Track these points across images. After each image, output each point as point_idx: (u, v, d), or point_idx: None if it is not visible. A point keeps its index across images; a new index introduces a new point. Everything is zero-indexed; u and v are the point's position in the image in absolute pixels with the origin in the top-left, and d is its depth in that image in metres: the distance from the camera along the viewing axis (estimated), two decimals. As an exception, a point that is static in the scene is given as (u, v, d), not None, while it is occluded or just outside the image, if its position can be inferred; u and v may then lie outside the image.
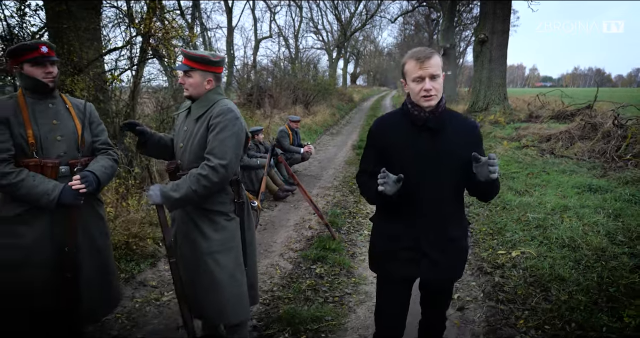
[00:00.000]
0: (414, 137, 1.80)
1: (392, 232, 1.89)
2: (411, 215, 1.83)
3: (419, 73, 1.72)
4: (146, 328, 2.90)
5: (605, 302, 2.88)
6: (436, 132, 1.78)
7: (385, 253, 1.93)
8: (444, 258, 1.85)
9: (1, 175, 1.99)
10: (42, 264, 2.11)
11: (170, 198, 2.07)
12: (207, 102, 2.22)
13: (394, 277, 1.94)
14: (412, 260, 1.86)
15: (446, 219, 1.84)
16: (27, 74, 2.14)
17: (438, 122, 1.78)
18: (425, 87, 1.71)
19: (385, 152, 1.85)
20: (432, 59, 1.71)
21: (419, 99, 1.75)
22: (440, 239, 1.84)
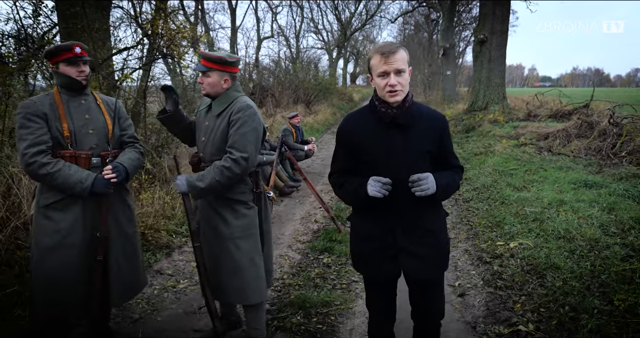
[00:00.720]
0: (383, 134, 1.79)
1: (369, 231, 1.88)
2: (387, 212, 1.83)
3: (383, 68, 1.69)
4: (165, 313, 3.08)
5: (597, 288, 3.06)
6: (405, 128, 1.77)
7: (365, 253, 1.92)
8: (423, 251, 1.84)
9: (40, 165, 2.17)
10: (76, 247, 2.28)
11: (196, 187, 2.26)
12: (227, 99, 2.40)
13: (376, 276, 1.94)
14: (392, 257, 1.86)
15: (421, 213, 1.83)
16: (63, 73, 2.31)
17: (406, 118, 1.77)
18: (390, 82, 1.69)
19: (355, 150, 1.85)
20: (397, 54, 1.69)
21: (384, 94, 1.73)
22: (417, 233, 1.84)
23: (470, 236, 4.47)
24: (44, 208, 2.27)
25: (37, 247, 2.26)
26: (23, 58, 5.47)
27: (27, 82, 6.01)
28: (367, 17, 34.60)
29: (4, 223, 3.69)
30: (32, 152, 2.16)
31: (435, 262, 1.89)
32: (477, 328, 2.84)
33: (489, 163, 7.29)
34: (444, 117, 1.91)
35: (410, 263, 1.85)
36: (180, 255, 4.02)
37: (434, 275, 1.93)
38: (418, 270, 1.86)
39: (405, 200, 1.78)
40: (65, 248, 2.26)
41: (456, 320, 2.94)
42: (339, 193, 1.95)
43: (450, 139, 1.93)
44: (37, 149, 2.17)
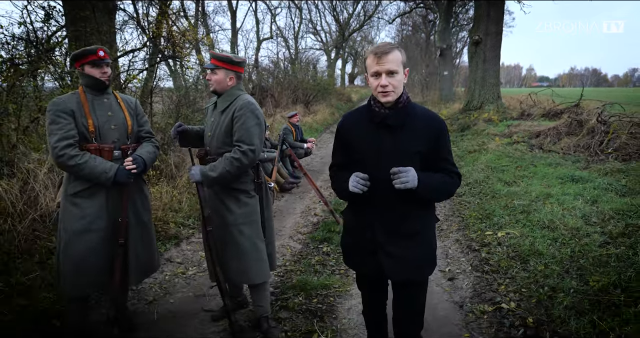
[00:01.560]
0: (373, 133, 1.81)
1: (355, 225, 1.93)
2: (370, 210, 1.86)
3: (376, 68, 1.71)
4: (176, 296, 3.34)
5: (575, 271, 3.32)
6: (395, 128, 1.78)
7: (350, 246, 1.98)
8: (401, 252, 1.84)
9: (69, 157, 2.41)
10: (101, 232, 2.53)
11: (209, 177, 2.51)
12: (230, 97, 2.65)
13: (361, 271, 2.01)
14: (372, 252, 1.88)
15: (404, 214, 1.83)
16: (88, 74, 2.56)
17: (397, 118, 1.78)
18: (381, 83, 1.71)
19: (348, 147, 1.90)
20: (390, 55, 1.70)
21: (377, 94, 1.76)
22: (397, 234, 1.84)
23: (461, 227, 4.73)
24: (72, 196, 2.52)
25: (65, 231, 2.51)
26: (33, 60, 5.70)
27: (37, 83, 6.24)
28: (365, 18, 34.91)
29: (23, 216, 3.94)
30: (61, 145, 2.41)
31: (414, 263, 1.87)
32: (464, 307, 3.10)
33: (482, 160, 7.55)
34: (441, 120, 1.88)
35: (387, 262, 1.85)
36: (188, 245, 4.28)
37: (412, 277, 1.89)
38: (395, 271, 1.86)
39: (390, 199, 1.80)
40: (91, 233, 2.51)
41: (445, 300, 3.20)
42: (333, 187, 2.01)
43: (449, 145, 1.90)
44: (66, 143, 2.42)
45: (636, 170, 5.70)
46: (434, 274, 3.55)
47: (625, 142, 6.57)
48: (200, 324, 2.91)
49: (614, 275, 3.08)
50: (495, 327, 2.80)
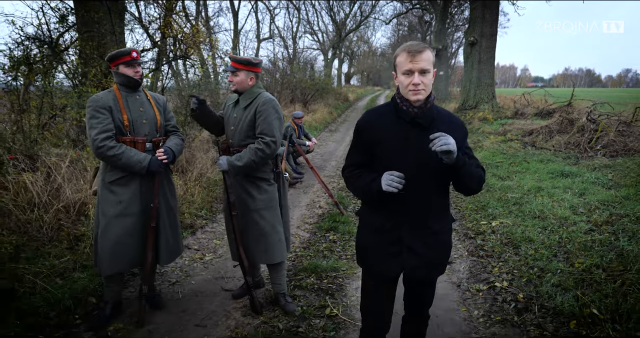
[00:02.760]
0: (402, 132, 1.78)
1: (378, 225, 1.89)
2: (397, 209, 1.83)
3: (409, 66, 1.70)
4: (197, 278, 3.62)
5: (563, 254, 3.64)
6: (425, 127, 1.77)
7: (371, 247, 1.93)
8: (426, 251, 1.85)
9: (108, 148, 2.69)
10: (135, 215, 2.81)
11: (235, 166, 2.79)
12: (252, 94, 2.93)
13: (379, 272, 1.94)
14: (396, 253, 1.87)
15: (430, 214, 1.84)
16: (122, 73, 2.84)
17: (427, 118, 1.77)
18: (414, 81, 1.70)
19: (372, 145, 1.85)
20: (424, 54, 1.69)
21: (407, 93, 1.74)
22: (423, 232, 1.84)
23: (458, 218, 5.04)
24: (109, 184, 2.79)
25: (103, 215, 2.78)
26: (48, 60, 5.94)
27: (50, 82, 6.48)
28: (362, 18, 35.22)
29: (48, 206, 4.21)
30: (101, 137, 2.68)
31: (435, 263, 1.90)
32: (461, 286, 3.40)
33: (477, 156, 7.85)
34: (463, 123, 1.90)
35: (412, 262, 1.85)
36: (202, 234, 4.56)
37: (432, 276, 1.94)
38: (418, 270, 1.87)
39: (417, 198, 1.79)
40: (127, 217, 2.79)
41: (444, 281, 3.50)
42: (351, 187, 1.93)
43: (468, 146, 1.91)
44: (105, 135, 2.70)
45: (622, 166, 6.04)
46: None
47: (612, 140, 6.91)
48: (222, 301, 3.19)
49: (597, 258, 3.40)
50: (489, 303, 3.10)
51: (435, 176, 1.79)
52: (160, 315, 2.98)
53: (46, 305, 2.84)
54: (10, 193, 4.22)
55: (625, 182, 5.35)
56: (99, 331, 2.75)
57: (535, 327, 2.72)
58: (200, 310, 3.07)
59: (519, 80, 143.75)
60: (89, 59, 5.70)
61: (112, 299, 2.91)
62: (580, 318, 2.68)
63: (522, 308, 2.95)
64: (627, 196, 4.76)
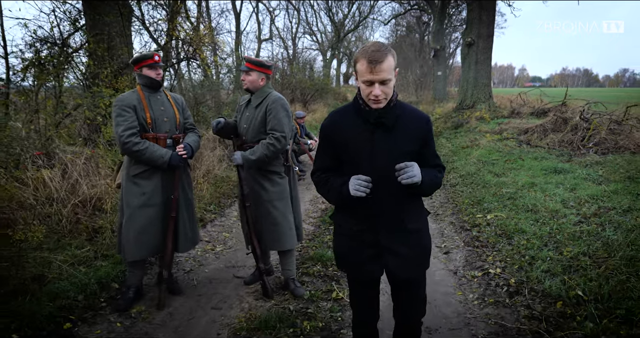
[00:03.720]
0: (366, 133, 1.76)
1: (354, 229, 1.86)
2: (369, 212, 1.81)
3: (368, 77, 1.64)
4: (210, 267, 3.86)
5: (552, 244, 3.88)
6: (390, 128, 1.75)
7: (348, 251, 1.91)
8: (406, 251, 1.84)
9: (133, 144, 2.92)
10: (157, 206, 3.05)
11: (249, 159, 3.03)
12: (263, 94, 3.18)
13: (360, 275, 1.92)
14: (375, 256, 1.85)
15: (403, 213, 1.82)
16: (145, 75, 3.08)
17: (390, 117, 1.74)
18: (374, 93, 1.66)
19: (339, 148, 1.82)
20: (385, 63, 1.62)
21: (368, 101, 1.72)
22: (401, 233, 1.83)
23: (454, 212, 5.29)
24: (133, 177, 3.03)
25: (128, 206, 3.01)
26: (59, 61, 6.16)
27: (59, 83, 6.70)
28: (360, 18, 35.47)
29: (65, 201, 4.44)
30: (127, 134, 2.92)
31: (417, 261, 1.89)
32: (458, 273, 3.65)
33: (474, 154, 8.12)
34: (428, 117, 1.88)
35: (394, 263, 1.84)
36: (212, 227, 4.79)
37: (415, 274, 1.92)
38: (401, 270, 1.86)
39: (389, 199, 1.79)
40: (150, 207, 3.02)
41: (441, 269, 3.75)
42: (322, 192, 1.91)
43: (434, 140, 1.93)
44: (130, 132, 2.93)
45: (612, 162, 6.29)
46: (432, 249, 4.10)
47: (604, 137, 7.17)
48: (235, 287, 3.43)
49: (584, 246, 3.65)
50: (483, 287, 3.35)
51: None
52: (178, 300, 3.22)
53: (74, 289, 3.08)
54: (30, 188, 4.46)
55: (614, 178, 5.60)
56: (124, 313, 2.99)
57: (525, 307, 2.97)
58: (215, 294, 3.31)
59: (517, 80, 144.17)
60: (101, 61, 5.93)
61: (135, 284, 3.15)
62: (566, 299, 2.93)
63: (514, 292, 3.19)
64: (615, 190, 5.01)
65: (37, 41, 6.13)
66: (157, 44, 8.41)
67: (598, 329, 2.55)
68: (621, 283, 2.93)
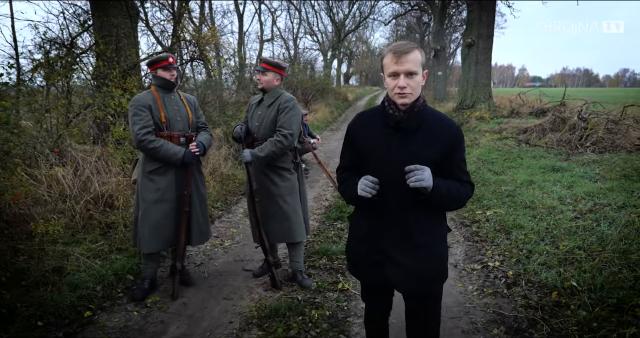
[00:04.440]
0: (386, 136, 1.71)
1: (363, 233, 1.83)
2: (381, 216, 1.76)
3: (394, 68, 1.61)
4: (219, 260, 4.01)
5: (549, 239, 4.03)
6: (409, 132, 1.68)
7: (358, 254, 1.88)
8: (411, 264, 1.73)
9: (149, 142, 3.07)
10: (171, 201, 3.20)
11: (258, 156, 3.18)
12: (276, 94, 3.32)
13: (366, 281, 1.91)
14: (379, 262, 1.80)
15: (415, 223, 1.73)
16: (160, 76, 3.22)
17: (412, 122, 1.68)
18: (399, 84, 1.61)
19: (359, 149, 1.80)
20: (411, 54, 1.60)
21: (393, 96, 1.66)
22: (406, 244, 1.74)
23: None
24: (148, 173, 3.18)
25: (143, 201, 3.16)
26: (68, 62, 6.31)
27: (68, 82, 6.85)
28: (361, 19, 35.62)
29: (78, 198, 4.59)
30: (143, 132, 3.06)
31: (424, 276, 1.76)
32: (458, 266, 3.80)
33: (474, 153, 8.27)
34: (457, 127, 1.77)
35: (395, 273, 1.77)
36: (220, 223, 4.95)
37: (422, 290, 1.79)
38: (404, 282, 1.78)
39: (397, 206, 1.72)
40: (164, 202, 3.17)
41: (442, 262, 3.89)
42: (340, 190, 1.91)
43: (463, 153, 1.79)
44: (146, 130, 3.08)
45: (608, 161, 6.45)
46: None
47: (601, 137, 7.32)
48: (244, 279, 3.58)
49: (580, 241, 3.80)
50: (482, 279, 3.50)
51: None
52: (191, 291, 3.37)
53: (92, 280, 3.23)
54: (44, 185, 4.61)
55: (610, 176, 5.75)
56: (140, 303, 3.14)
57: (522, 297, 3.12)
58: (226, 286, 3.46)
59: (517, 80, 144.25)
60: (111, 61, 6.07)
61: (150, 276, 3.30)
62: (561, 290, 3.08)
63: (511, 283, 3.34)
64: (610, 188, 5.16)
65: (46, 42, 6.28)
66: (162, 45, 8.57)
67: (591, 317, 2.70)
68: (613, 275, 3.08)
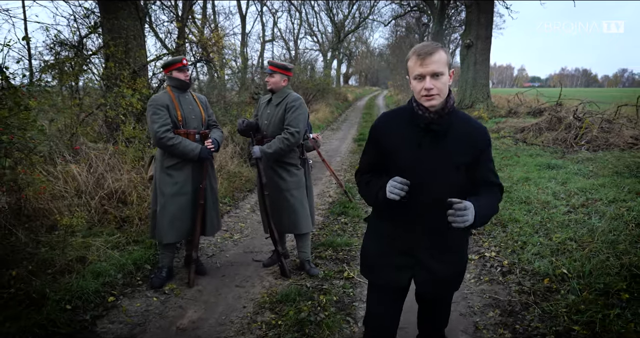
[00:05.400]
0: (415, 138, 1.68)
1: (389, 233, 1.80)
2: (409, 219, 1.74)
3: (419, 71, 1.60)
4: (229, 252, 4.22)
5: (543, 231, 4.25)
6: (439, 134, 1.66)
7: (379, 256, 1.84)
8: (439, 267, 1.75)
9: (168, 139, 3.28)
10: (188, 194, 3.41)
11: (267, 153, 3.39)
12: (283, 94, 3.54)
13: (386, 283, 1.84)
14: (406, 266, 1.78)
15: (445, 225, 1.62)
16: (175, 77, 3.43)
17: (443, 124, 1.65)
18: (426, 86, 1.59)
19: (384, 150, 1.76)
20: (435, 55, 1.58)
21: (420, 98, 1.64)
22: (437, 246, 1.74)
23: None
24: (166, 168, 3.39)
25: (162, 195, 3.37)
26: (77, 63, 6.50)
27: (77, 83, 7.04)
28: (360, 19, 35.86)
29: (92, 194, 4.80)
30: (162, 130, 3.27)
31: (450, 281, 1.81)
32: (456, 257, 4.01)
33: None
34: (486, 129, 1.75)
35: (424, 278, 1.77)
36: (229, 218, 5.16)
37: (445, 292, 1.86)
38: (430, 287, 1.79)
39: (429, 208, 1.69)
40: (182, 195, 3.39)
41: (441, 253, 4.11)
42: (362, 192, 1.86)
43: (491, 155, 1.77)
44: (165, 128, 3.29)
45: (602, 159, 6.67)
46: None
47: (595, 136, 7.55)
48: (255, 269, 3.79)
49: (571, 233, 4.02)
50: (479, 268, 3.72)
51: (450, 185, 1.67)
52: (205, 279, 3.58)
53: (113, 269, 3.44)
54: (60, 181, 4.82)
55: (603, 173, 5.97)
56: (158, 290, 3.35)
57: (516, 284, 3.33)
58: (237, 275, 3.67)
59: (516, 80, 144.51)
60: (121, 62, 6.28)
61: (167, 265, 3.51)
62: (553, 277, 3.29)
63: (506, 271, 3.56)
64: (602, 184, 5.38)
65: (57, 44, 6.49)
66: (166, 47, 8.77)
67: (579, 300, 2.92)
68: (601, 262, 3.30)
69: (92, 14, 6.97)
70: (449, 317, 2.04)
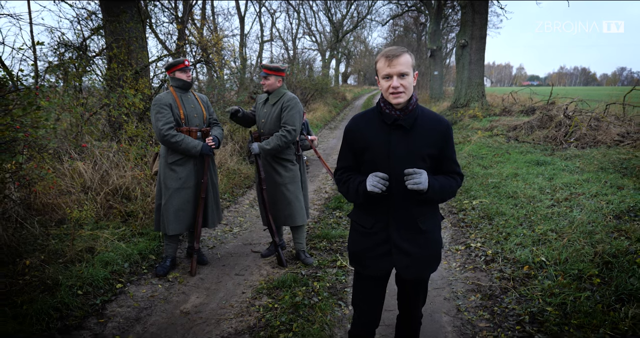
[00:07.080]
0: (386, 135, 1.84)
1: (368, 227, 1.94)
2: (384, 211, 1.90)
3: (387, 71, 1.76)
4: (229, 244, 4.44)
5: (527, 223, 4.47)
6: (406, 130, 1.83)
7: (363, 250, 1.97)
8: (416, 251, 1.91)
9: (172, 136, 3.50)
10: (191, 189, 3.63)
11: (265, 149, 3.62)
12: (279, 94, 3.76)
13: (371, 273, 1.99)
14: (385, 253, 1.92)
15: (417, 213, 1.89)
16: (178, 78, 3.65)
17: (408, 120, 1.82)
18: (393, 85, 1.75)
19: (359, 150, 1.92)
20: (401, 58, 1.75)
21: (388, 96, 1.80)
22: (412, 232, 1.90)
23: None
24: (170, 164, 3.61)
25: (166, 189, 3.59)
26: (80, 64, 6.71)
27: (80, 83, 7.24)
28: (358, 19, 36.04)
29: (98, 190, 5.01)
30: (166, 128, 3.49)
31: (426, 262, 1.96)
32: (444, 247, 4.24)
33: (465, 149, 8.72)
34: (447, 122, 1.93)
35: (402, 261, 1.91)
36: (228, 212, 5.38)
37: (423, 275, 2.00)
38: (409, 270, 1.93)
39: (402, 199, 1.86)
40: (185, 190, 3.61)
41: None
42: (342, 190, 2.00)
43: (453, 146, 1.96)
44: (168, 126, 3.51)
45: (589, 155, 6.90)
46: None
47: (584, 133, 7.77)
48: (253, 259, 4.02)
49: (553, 225, 4.24)
50: (465, 257, 3.95)
51: None
52: (206, 268, 3.81)
53: (120, 258, 3.66)
54: (67, 177, 5.03)
55: (588, 169, 6.20)
56: (163, 278, 3.57)
57: (498, 271, 3.56)
58: (237, 265, 3.90)
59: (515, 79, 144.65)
60: (124, 64, 6.49)
61: (171, 255, 3.73)
62: (532, 264, 3.52)
63: (490, 260, 3.79)
64: (587, 179, 5.61)
65: (61, 46, 6.69)
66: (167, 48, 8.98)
67: (554, 284, 3.14)
68: (577, 251, 3.53)
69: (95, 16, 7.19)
70: (427, 298, 2.25)
